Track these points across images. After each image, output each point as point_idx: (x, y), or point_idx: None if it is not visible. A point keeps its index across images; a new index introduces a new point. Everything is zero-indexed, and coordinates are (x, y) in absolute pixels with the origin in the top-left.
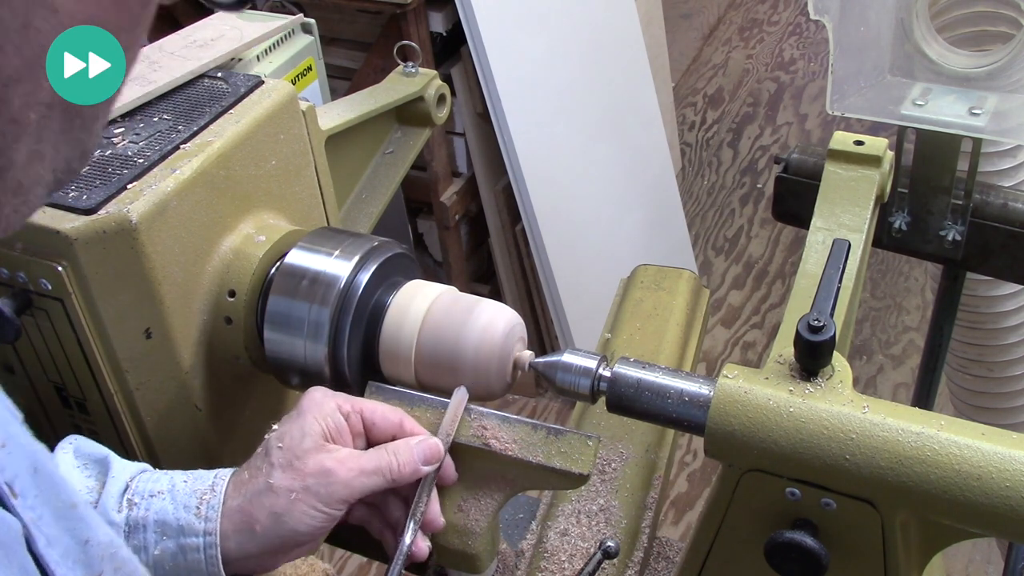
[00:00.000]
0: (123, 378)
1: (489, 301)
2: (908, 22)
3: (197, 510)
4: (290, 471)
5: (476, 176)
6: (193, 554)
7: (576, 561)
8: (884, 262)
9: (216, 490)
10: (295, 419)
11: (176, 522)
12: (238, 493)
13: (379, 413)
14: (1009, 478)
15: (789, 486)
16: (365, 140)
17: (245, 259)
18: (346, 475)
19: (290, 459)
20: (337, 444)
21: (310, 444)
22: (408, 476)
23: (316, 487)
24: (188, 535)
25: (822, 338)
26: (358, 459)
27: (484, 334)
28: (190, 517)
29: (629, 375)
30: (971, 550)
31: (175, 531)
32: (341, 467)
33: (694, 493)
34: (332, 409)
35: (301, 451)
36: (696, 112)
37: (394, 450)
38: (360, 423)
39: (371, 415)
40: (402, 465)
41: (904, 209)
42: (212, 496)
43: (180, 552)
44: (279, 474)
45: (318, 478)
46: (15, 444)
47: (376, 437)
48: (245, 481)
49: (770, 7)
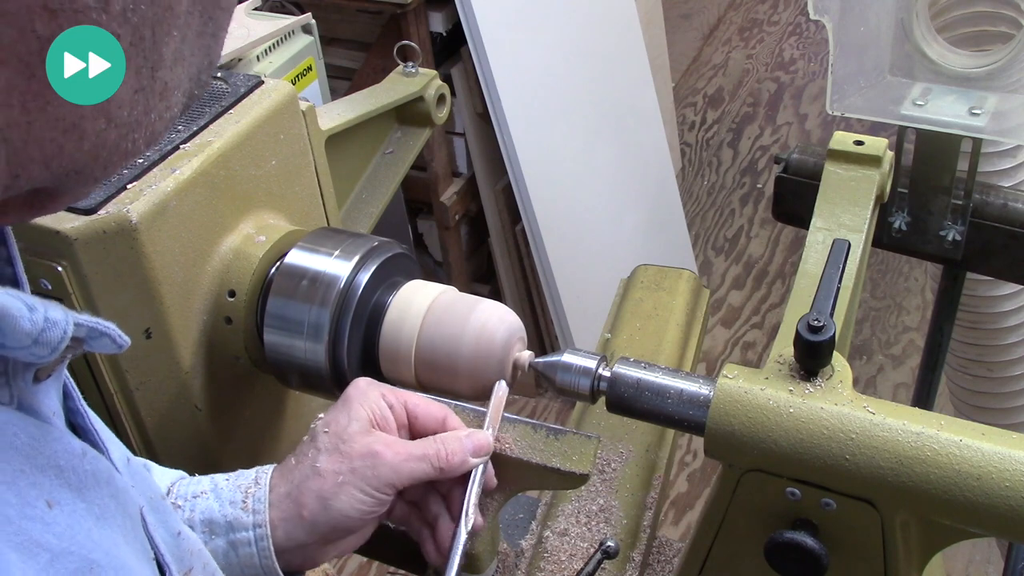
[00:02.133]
0: (123, 378)
1: (489, 301)
2: (908, 22)
3: (244, 504)
4: (336, 454)
5: (476, 176)
6: (245, 548)
7: (576, 561)
8: (884, 262)
9: (260, 483)
10: (341, 407)
11: (224, 519)
12: (284, 480)
13: (423, 406)
14: (1009, 478)
15: (789, 486)
16: (365, 140)
17: (245, 259)
18: (393, 458)
19: (336, 443)
20: (384, 431)
21: (357, 428)
22: (457, 466)
23: (363, 469)
24: (238, 530)
25: (822, 338)
26: (406, 444)
27: (484, 334)
28: (237, 512)
29: (629, 375)
30: (971, 550)
31: (224, 528)
32: (388, 450)
33: (694, 493)
34: (377, 397)
35: (348, 435)
36: (696, 112)
37: (443, 439)
38: (404, 415)
39: (415, 408)
40: (451, 454)
41: (904, 209)
42: (257, 489)
43: (231, 549)
44: (325, 458)
45: (365, 460)
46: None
47: (419, 431)
48: (292, 468)
49: (770, 7)
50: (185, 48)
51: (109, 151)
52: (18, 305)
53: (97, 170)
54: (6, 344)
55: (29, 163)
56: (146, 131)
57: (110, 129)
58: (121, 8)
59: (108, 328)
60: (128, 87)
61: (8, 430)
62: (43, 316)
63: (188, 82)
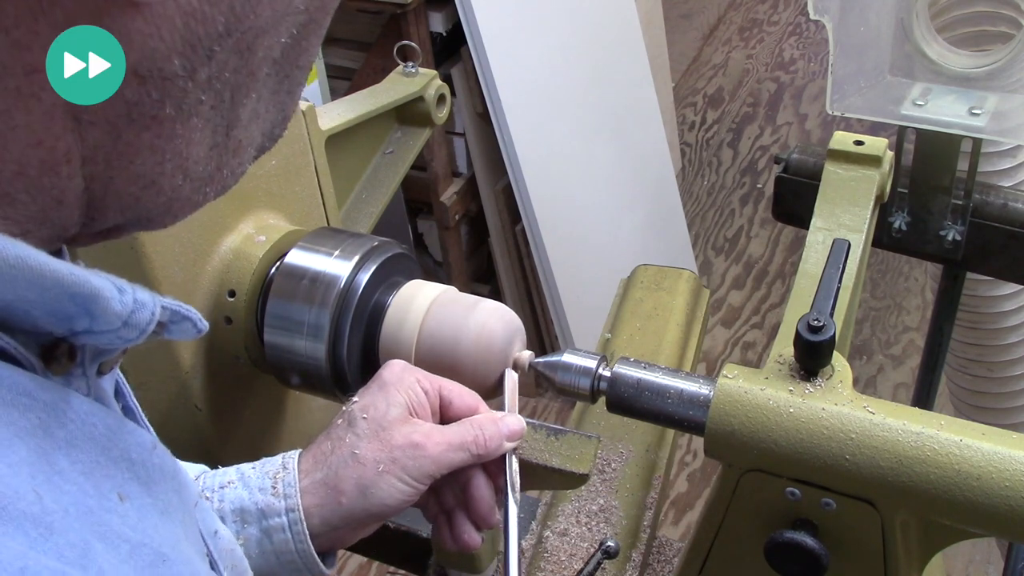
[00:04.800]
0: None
1: (489, 301)
2: (908, 22)
3: (273, 489)
4: (376, 442)
5: (476, 176)
6: (279, 535)
7: (576, 561)
8: (884, 262)
9: (288, 467)
10: (378, 391)
11: (255, 506)
12: (320, 466)
13: (456, 392)
14: (1009, 478)
15: (789, 486)
16: (365, 140)
17: (245, 259)
18: (434, 449)
19: (376, 430)
20: (420, 418)
21: (396, 415)
22: (494, 451)
23: (404, 459)
24: (270, 516)
25: (822, 338)
26: (444, 433)
27: (483, 334)
28: (268, 498)
29: (629, 375)
30: (971, 550)
31: (256, 516)
32: (429, 441)
33: (694, 493)
34: (413, 382)
35: (387, 422)
36: (696, 112)
37: (479, 424)
38: (438, 401)
39: (448, 394)
40: (488, 440)
41: (904, 209)
42: (286, 474)
43: (265, 536)
44: (365, 444)
45: (406, 451)
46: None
47: (451, 417)
48: (327, 453)
49: (770, 7)
50: (261, 106)
51: (181, 203)
52: (109, 286)
53: (168, 219)
54: (94, 328)
55: (106, 210)
56: (217, 185)
57: (185, 184)
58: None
59: (190, 312)
60: (204, 144)
61: (89, 420)
62: (132, 298)
63: (261, 137)
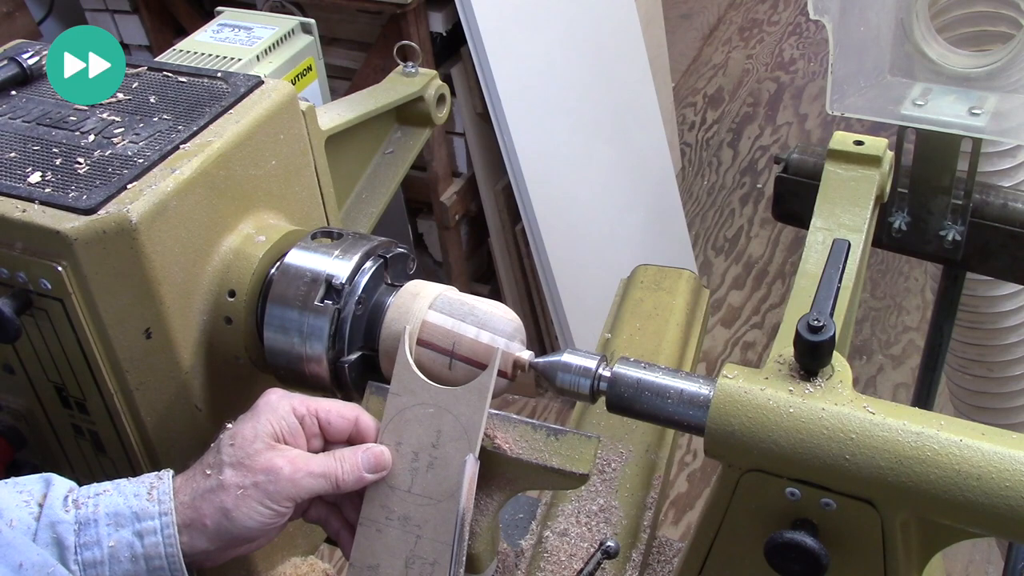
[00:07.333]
0: (123, 378)
1: (489, 300)
2: (908, 22)
3: (149, 495)
4: (240, 468)
5: (476, 176)
6: (151, 538)
7: (576, 561)
8: (884, 262)
9: (163, 478)
10: (248, 419)
11: (129, 510)
12: (187, 489)
13: (334, 412)
14: (1009, 478)
15: (789, 486)
16: (365, 140)
17: (245, 259)
18: (293, 474)
19: (240, 457)
20: (289, 445)
21: (261, 445)
22: (352, 484)
23: (264, 484)
24: (144, 519)
25: (822, 338)
26: (307, 460)
27: (483, 333)
28: (143, 503)
29: (629, 375)
30: (971, 550)
31: (129, 519)
32: (289, 466)
33: (694, 493)
34: (287, 411)
35: (252, 450)
36: (696, 112)
37: (341, 457)
38: (316, 424)
39: (326, 415)
40: (346, 472)
41: (904, 209)
42: (161, 483)
43: (137, 539)
44: (229, 471)
45: (267, 475)
46: None
47: (333, 436)
48: (194, 476)
49: (770, 7)
50: None
51: None
52: None
53: None
54: None
55: None
56: None
57: None
58: None
59: None
60: None
61: None
62: None
63: None
